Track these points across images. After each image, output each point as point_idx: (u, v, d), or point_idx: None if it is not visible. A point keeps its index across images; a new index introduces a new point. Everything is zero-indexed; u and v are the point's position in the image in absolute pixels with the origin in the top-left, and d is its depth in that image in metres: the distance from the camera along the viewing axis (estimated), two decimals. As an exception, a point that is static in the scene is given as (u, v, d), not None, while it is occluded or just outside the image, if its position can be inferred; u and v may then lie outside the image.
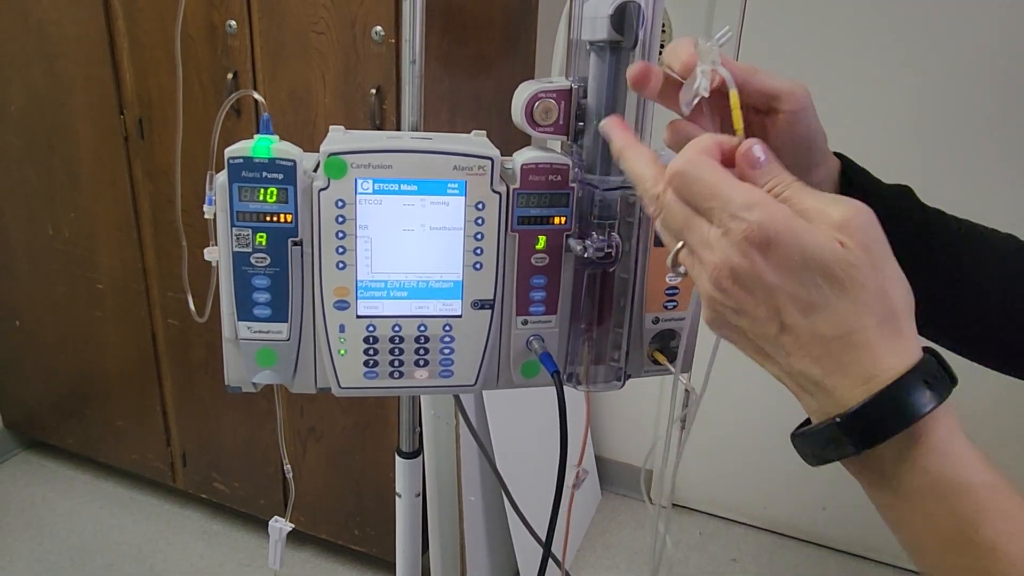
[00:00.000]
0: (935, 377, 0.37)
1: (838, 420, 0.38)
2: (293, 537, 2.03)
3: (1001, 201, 1.77)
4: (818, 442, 0.40)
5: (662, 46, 1.95)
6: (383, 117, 1.50)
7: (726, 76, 0.48)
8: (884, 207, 0.45)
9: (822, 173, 0.57)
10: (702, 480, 2.31)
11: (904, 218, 0.60)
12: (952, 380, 0.38)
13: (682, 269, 0.45)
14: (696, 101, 0.49)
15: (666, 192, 0.43)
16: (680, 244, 0.44)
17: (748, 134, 0.45)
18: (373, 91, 1.48)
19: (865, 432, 0.37)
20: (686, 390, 0.65)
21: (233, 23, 1.57)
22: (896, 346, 0.37)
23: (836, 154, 0.59)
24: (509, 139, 0.66)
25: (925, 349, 0.39)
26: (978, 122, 1.74)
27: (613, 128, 0.52)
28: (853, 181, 0.58)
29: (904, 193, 0.62)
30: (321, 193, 0.58)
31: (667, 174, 0.43)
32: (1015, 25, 1.65)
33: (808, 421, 0.42)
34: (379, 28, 1.44)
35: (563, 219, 0.63)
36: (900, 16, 1.73)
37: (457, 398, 0.91)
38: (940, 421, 0.37)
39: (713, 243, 0.40)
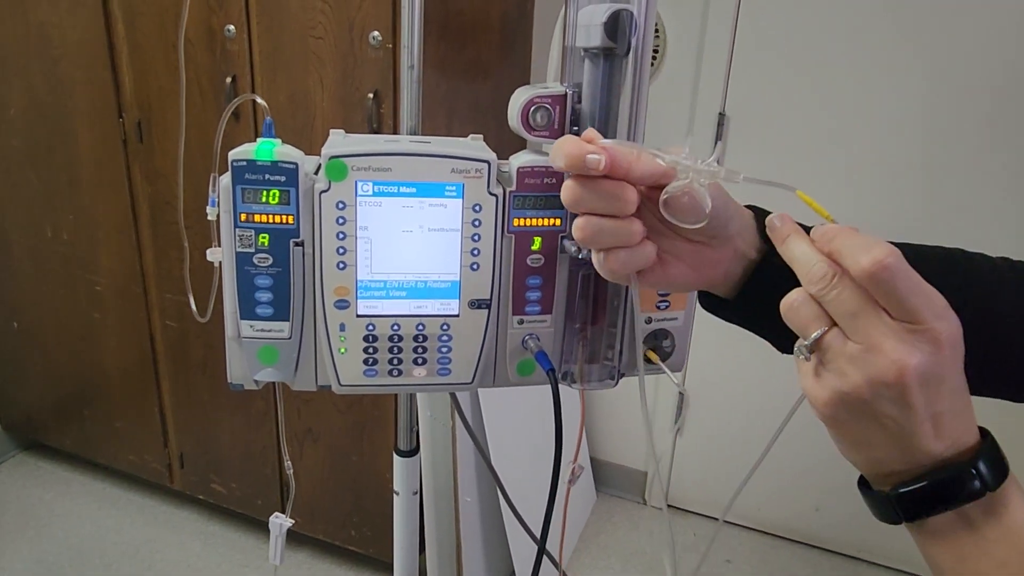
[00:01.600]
0: (997, 444, 0.45)
1: (965, 470, 0.42)
2: (291, 538, 2.04)
3: (1002, 202, 1.79)
4: (945, 485, 0.43)
5: (656, 51, 1.96)
6: (380, 121, 1.51)
7: (787, 187, 0.49)
8: None
9: (737, 225, 0.55)
10: (696, 482, 2.33)
11: None
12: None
13: (809, 354, 0.45)
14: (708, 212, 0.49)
15: (843, 278, 0.43)
16: (826, 329, 0.44)
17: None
18: (371, 95, 1.50)
19: (991, 474, 0.43)
20: (680, 392, 0.67)
21: (232, 27, 1.58)
22: (974, 419, 0.45)
23: (749, 207, 0.58)
24: (505, 143, 0.68)
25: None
26: (978, 122, 1.76)
27: (784, 221, 0.50)
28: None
29: None
30: (322, 195, 0.60)
31: (871, 263, 0.41)
32: (1016, 25, 1.67)
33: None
34: (376, 33, 1.45)
35: (558, 221, 0.64)
36: (896, 18, 1.75)
37: (454, 398, 0.93)
38: (1013, 478, 0.44)
39: (903, 336, 0.41)
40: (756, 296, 0.57)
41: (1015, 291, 0.58)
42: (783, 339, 0.59)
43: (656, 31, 1.95)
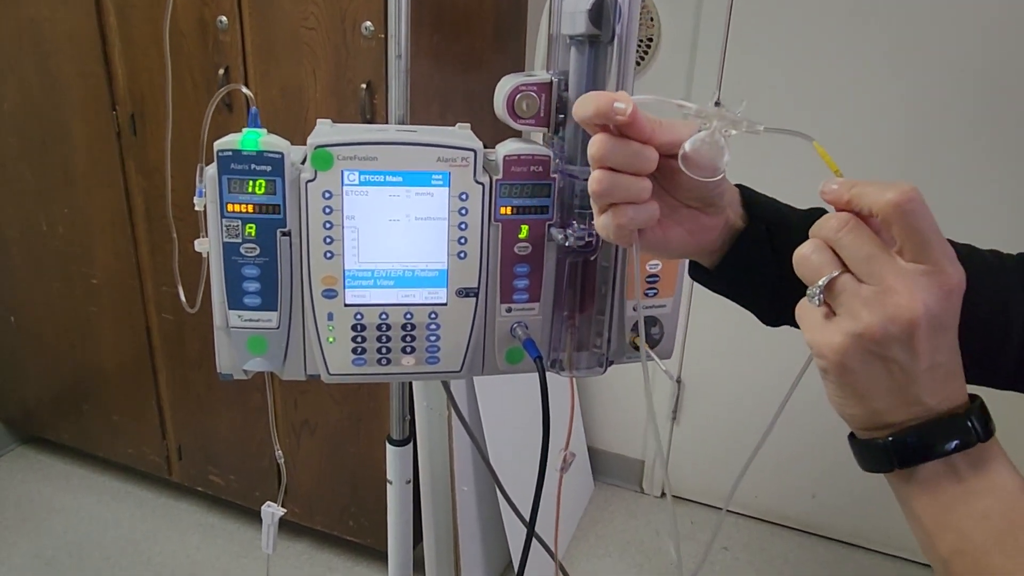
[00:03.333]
0: (984, 405, 0.45)
1: (966, 412, 0.43)
2: (288, 529, 2.06)
3: (987, 198, 1.79)
4: (939, 433, 0.43)
5: (650, 40, 1.95)
6: (374, 111, 1.51)
7: (805, 137, 0.51)
8: (793, 235, 0.49)
9: (729, 195, 0.58)
10: (693, 470, 2.34)
11: None
12: None
13: (821, 298, 0.45)
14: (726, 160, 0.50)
15: (859, 223, 0.44)
16: (838, 272, 0.44)
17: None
18: (364, 86, 1.49)
19: (982, 428, 0.43)
20: (672, 379, 0.67)
21: (224, 19, 1.58)
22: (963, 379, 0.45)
23: (737, 185, 0.61)
24: (500, 133, 0.68)
25: None
26: (965, 120, 1.76)
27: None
28: (755, 213, 0.60)
29: (814, 216, 0.62)
30: (308, 185, 0.60)
31: (896, 196, 0.42)
32: (1003, 25, 1.67)
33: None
34: (369, 23, 1.45)
35: (545, 209, 0.64)
36: (888, 14, 1.75)
37: (448, 389, 0.93)
38: (996, 440, 0.45)
39: (919, 279, 0.41)
40: (740, 263, 0.59)
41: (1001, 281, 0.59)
42: (767, 311, 0.62)
43: (650, 19, 1.95)
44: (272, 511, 0.86)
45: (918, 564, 2.12)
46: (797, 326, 0.48)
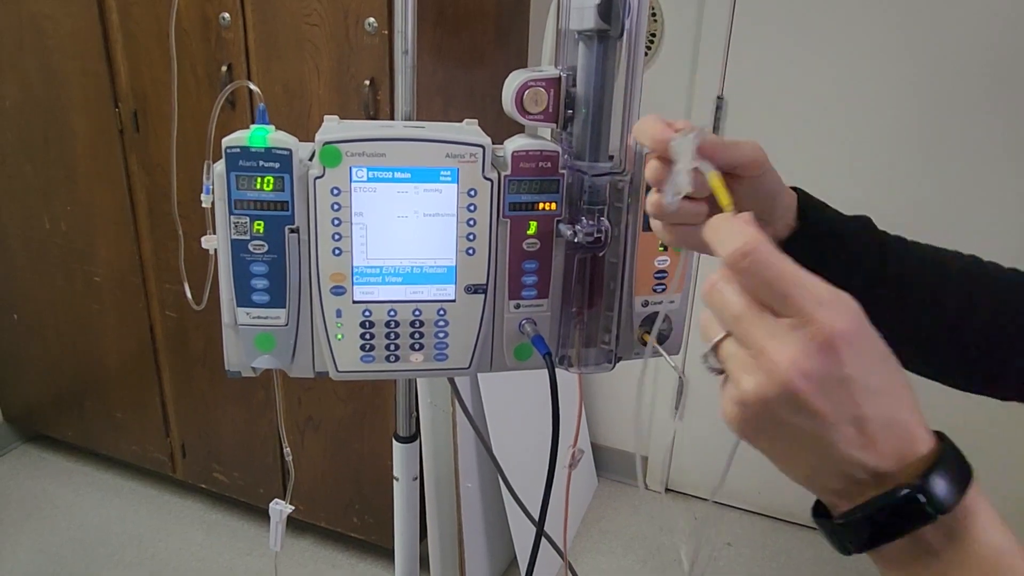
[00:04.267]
0: (957, 451, 0.40)
1: (911, 490, 0.37)
2: (293, 525, 2.06)
3: (992, 193, 1.78)
4: (876, 521, 0.38)
5: (653, 35, 1.95)
6: (377, 108, 1.51)
7: (705, 168, 0.48)
8: (842, 242, 0.49)
9: (781, 210, 0.59)
10: (696, 466, 2.34)
11: (864, 252, 0.61)
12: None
13: (715, 364, 0.42)
14: (679, 197, 0.49)
15: (727, 281, 0.40)
16: (722, 336, 0.41)
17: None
18: (367, 82, 1.49)
19: (942, 496, 0.37)
20: (679, 376, 0.67)
21: (227, 16, 1.57)
22: (922, 428, 0.39)
23: (793, 188, 0.61)
24: (502, 129, 0.67)
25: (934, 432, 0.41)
26: (975, 102, 1.75)
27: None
28: (809, 217, 0.60)
29: (862, 225, 0.63)
30: (317, 181, 0.60)
31: (732, 253, 0.39)
32: (1007, 19, 1.66)
33: (822, 512, 0.43)
34: (372, 19, 1.45)
35: (553, 205, 0.64)
36: (890, 9, 1.75)
37: (453, 385, 0.93)
38: (976, 489, 0.39)
39: (786, 337, 0.37)
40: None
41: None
42: None
43: (653, 15, 1.95)
44: (280, 508, 0.85)
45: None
46: None
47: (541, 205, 0.64)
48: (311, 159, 0.60)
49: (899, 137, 1.83)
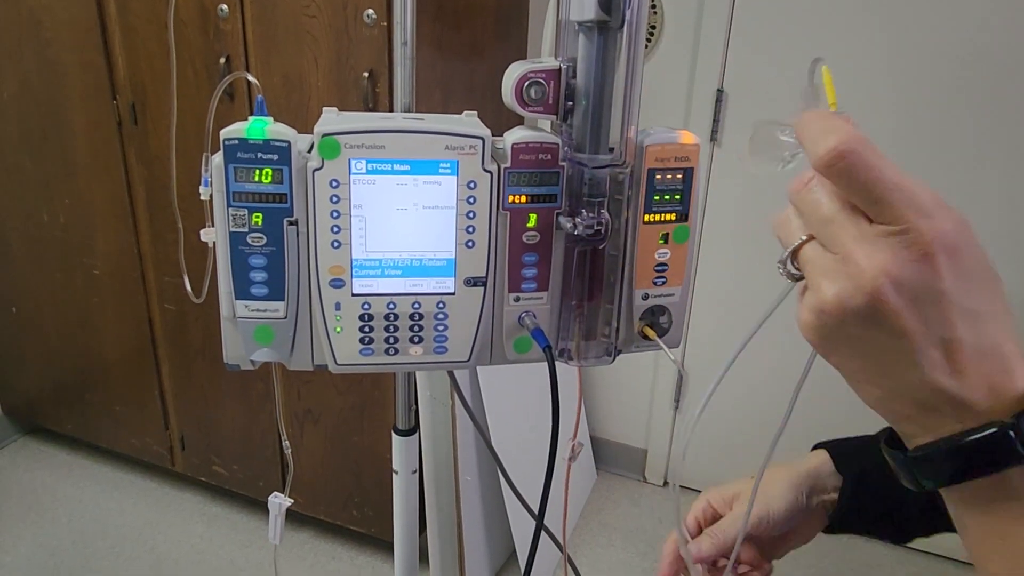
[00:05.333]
0: None
1: (1001, 427, 0.34)
2: (292, 518, 2.06)
3: (985, 191, 1.78)
4: (956, 456, 0.36)
5: (653, 27, 1.95)
6: (376, 100, 1.50)
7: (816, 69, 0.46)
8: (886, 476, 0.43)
9: (814, 484, 0.70)
10: (696, 459, 2.34)
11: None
12: None
13: (793, 269, 0.39)
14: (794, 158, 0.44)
15: (819, 181, 0.37)
16: (805, 238, 0.38)
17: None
18: (366, 74, 1.48)
19: None
20: (679, 371, 0.67)
21: (225, 7, 1.57)
22: (1021, 360, 0.36)
23: (821, 445, 0.70)
24: (501, 121, 0.67)
25: None
26: (966, 105, 1.75)
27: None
28: (844, 471, 0.68)
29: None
30: (315, 173, 0.59)
31: (827, 153, 0.35)
32: (1000, 20, 1.66)
33: (896, 443, 0.40)
34: (371, 11, 1.44)
35: (554, 197, 0.64)
36: (891, 2, 1.74)
37: (453, 378, 0.93)
38: None
39: (878, 242, 0.34)
40: (847, 522, 0.67)
41: None
42: (893, 537, 0.68)
43: (653, 6, 1.94)
44: (279, 501, 0.85)
45: (921, 552, 2.12)
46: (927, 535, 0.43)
47: (541, 198, 0.63)
48: (310, 151, 0.60)
49: (900, 131, 1.82)
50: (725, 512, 0.69)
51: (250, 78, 0.71)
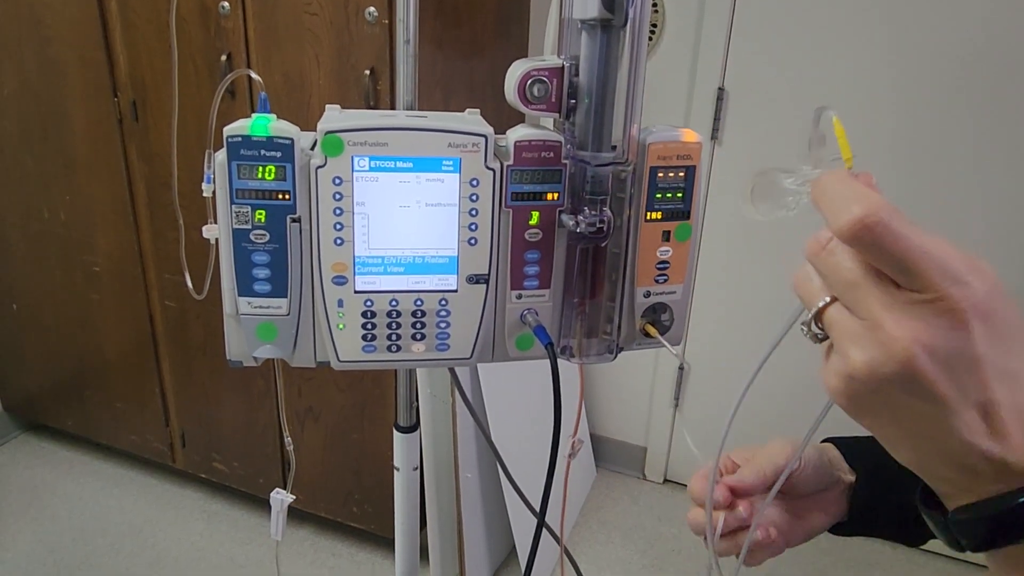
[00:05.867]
0: None
1: None
2: (293, 515, 2.06)
3: (983, 192, 1.78)
4: (997, 519, 0.35)
5: (654, 26, 1.95)
6: (377, 98, 1.50)
7: (826, 118, 0.44)
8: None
9: (833, 468, 0.66)
10: (695, 457, 2.34)
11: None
12: None
13: (819, 333, 0.38)
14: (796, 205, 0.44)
15: (834, 242, 0.37)
16: (827, 300, 0.38)
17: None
18: (367, 72, 1.48)
19: None
20: (680, 366, 0.67)
21: (226, 5, 1.57)
22: None
23: (829, 439, 0.68)
24: (502, 119, 0.67)
25: None
26: (967, 105, 1.75)
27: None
28: (853, 462, 0.67)
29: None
30: (318, 171, 0.59)
31: (851, 224, 0.34)
32: (1000, 20, 1.66)
33: (937, 506, 0.39)
34: (372, 9, 1.44)
35: (556, 195, 0.64)
36: (889, 7, 1.74)
37: (454, 375, 0.93)
38: None
39: (909, 309, 0.33)
40: (864, 515, 0.66)
41: None
42: (908, 538, 0.66)
43: (654, 5, 1.94)
44: (281, 498, 0.86)
45: (919, 551, 2.13)
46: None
47: (544, 195, 0.64)
48: (313, 148, 0.60)
49: (900, 131, 1.82)
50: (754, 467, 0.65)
51: (253, 75, 0.71)
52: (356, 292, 0.63)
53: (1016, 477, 0.34)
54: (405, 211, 0.62)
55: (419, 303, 0.65)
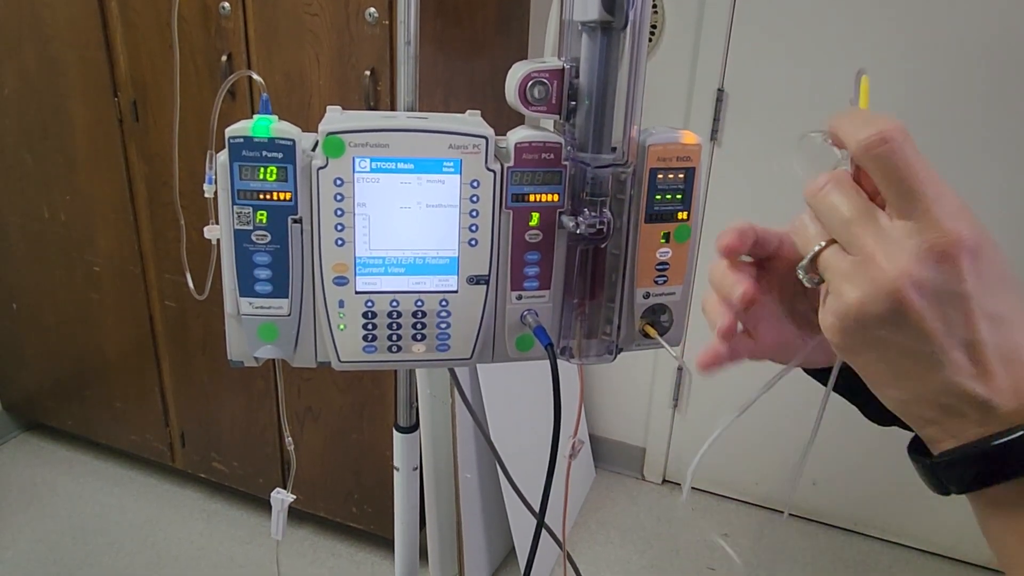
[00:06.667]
0: None
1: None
2: (292, 515, 2.06)
3: (990, 184, 1.78)
4: (982, 461, 0.35)
5: (654, 27, 1.95)
6: (378, 98, 1.51)
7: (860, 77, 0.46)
8: None
9: None
10: (694, 456, 2.34)
11: None
12: None
13: (814, 277, 0.39)
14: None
15: (838, 182, 0.37)
16: (823, 244, 0.38)
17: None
18: (367, 72, 1.49)
19: None
20: (679, 367, 0.67)
21: (227, 5, 1.57)
22: None
23: None
24: (503, 119, 0.67)
25: None
26: (973, 96, 1.75)
27: None
28: None
29: None
30: (320, 172, 0.60)
31: (870, 137, 0.35)
32: (1009, 11, 1.66)
33: (919, 449, 0.39)
34: (372, 10, 1.44)
35: (556, 196, 0.64)
36: (889, 7, 1.74)
37: (453, 375, 0.93)
38: None
39: (901, 242, 0.34)
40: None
41: None
42: (874, 414, 0.58)
43: (654, 6, 1.94)
44: (281, 497, 0.86)
45: (917, 551, 2.13)
46: (907, 428, 0.41)
47: (544, 197, 0.64)
48: (314, 149, 0.60)
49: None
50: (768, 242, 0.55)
51: (255, 76, 0.71)
52: (357, 293, 0.64)
53: (998, 420, 0.35)
54: (406, 212, 0.62)
55: (420, 304, 0.65)
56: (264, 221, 0.61)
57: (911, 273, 0.34)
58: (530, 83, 0.61)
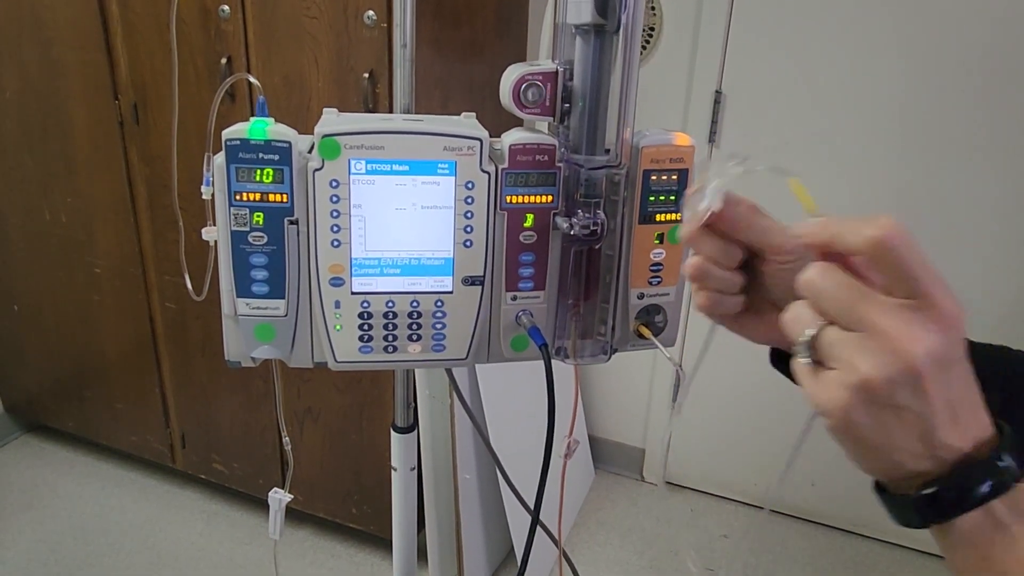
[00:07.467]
0: (1010, 429, 0.42)
1: (997, 448, 0.39)
2: (291, 515, 2.07)
3: (983, 186, 1.79)
4: (969, 478, 0.39)
5: (652, 29, 1.95)
6: (376, 101, 1.51)
7: (778, 172, 0.48)
8: None
9: None
10: (693, 458, 2.35)
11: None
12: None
13: (807, 359, 0.41)
14: (707, 216, 0.49)
15: (834, 269, 0.40)
16: (823, 325, 0.40)
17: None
18: (366, 75, 1.49)
19: (1014, 469, 0.39)
20: (676, 368, 0.67)
21: (226, 8, 1.57)
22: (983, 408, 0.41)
23: None
24: (502, 122, 0.68)
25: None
26: (970, 98, 1.76)
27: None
28: None
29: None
30: (316, 173, 0.60)
31: (874, 239, 0.38)
32: (1007, 12, 1.66)
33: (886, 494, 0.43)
34: (371, 12, 1.45)
35: (550, 198, 0.65)
36: (889, 3, 1.75)
37: (451, 376, 0.94)
38: None
39: (909, 317, 0.37)
40: None
41: None
42: None
43: (652, 8, 1.95)
44: (279, 497, 0.86)
45: (915, 551, 2.13)
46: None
47: (538, 198, 0.64)
48: (310, 151, 0.61)
49: (899, 132, 1.83)
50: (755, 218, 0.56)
51: (252, 79, 0.72)
52: (353, 293, 0.64)
53: (960, 457, 0.39)
54: (401, 213, 0.63)
55: (415, 304, 0.65)
56: (260, 223, 0.61)
57: (926, 343, 0.37)
58: (524, 85, 0.62)
